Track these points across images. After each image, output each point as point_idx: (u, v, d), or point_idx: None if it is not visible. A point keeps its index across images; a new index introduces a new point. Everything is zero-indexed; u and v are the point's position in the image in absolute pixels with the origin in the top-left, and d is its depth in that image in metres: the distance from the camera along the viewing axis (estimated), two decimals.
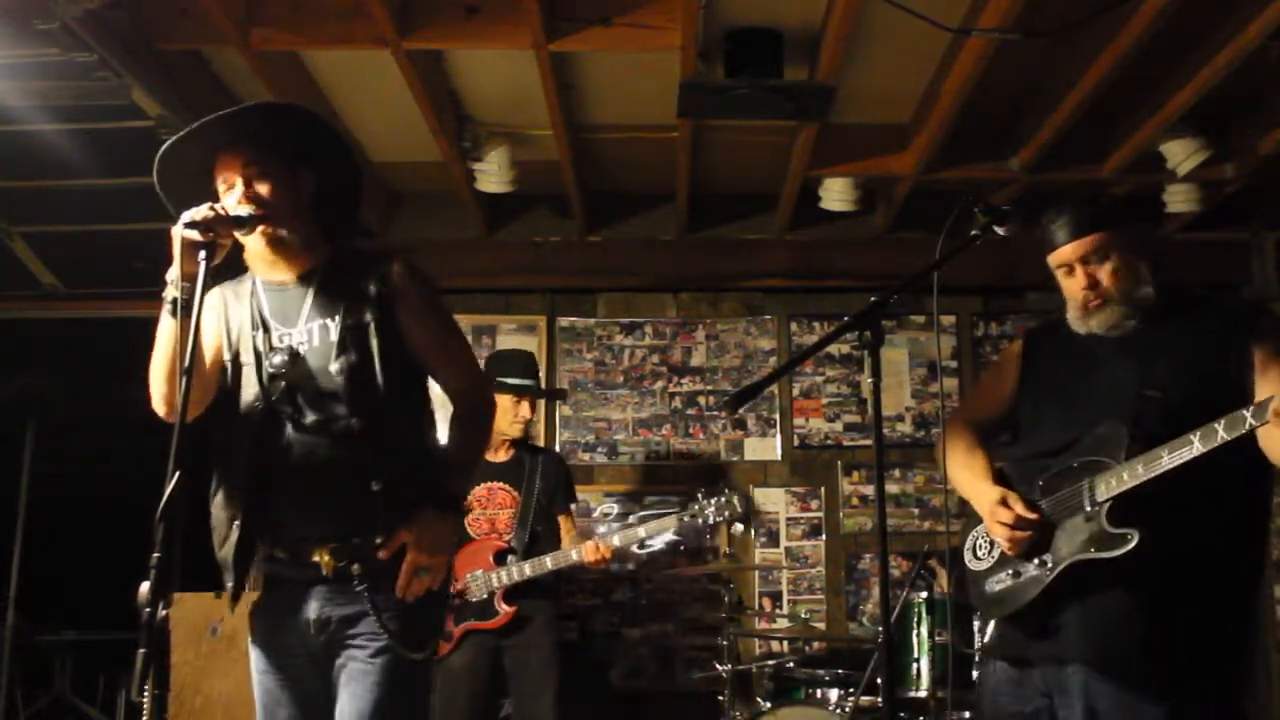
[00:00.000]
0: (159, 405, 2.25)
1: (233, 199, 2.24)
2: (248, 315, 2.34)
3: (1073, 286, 2.36)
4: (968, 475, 2.50)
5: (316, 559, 2.23)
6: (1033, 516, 2.29)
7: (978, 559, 2.47)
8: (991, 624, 2.41)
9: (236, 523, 2.24)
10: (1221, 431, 2.03)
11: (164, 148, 2.26)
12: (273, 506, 2.26)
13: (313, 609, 2.24)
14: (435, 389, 2.44)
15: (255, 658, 2.31)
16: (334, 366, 2.24)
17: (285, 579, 2.30)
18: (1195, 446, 2.06)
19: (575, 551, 4.03)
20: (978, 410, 2.68)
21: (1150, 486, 2.13)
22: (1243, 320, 2.28)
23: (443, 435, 2.47)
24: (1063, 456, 2.32)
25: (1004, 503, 2.32)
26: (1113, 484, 2.18)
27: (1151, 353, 2.29)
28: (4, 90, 3.63)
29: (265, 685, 2.30)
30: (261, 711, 2.31)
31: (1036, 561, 2.29)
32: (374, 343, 2.26)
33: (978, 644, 2.44)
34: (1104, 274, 2.31)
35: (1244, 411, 2.00)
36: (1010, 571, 2.35)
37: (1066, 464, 2.30)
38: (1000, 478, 2.43)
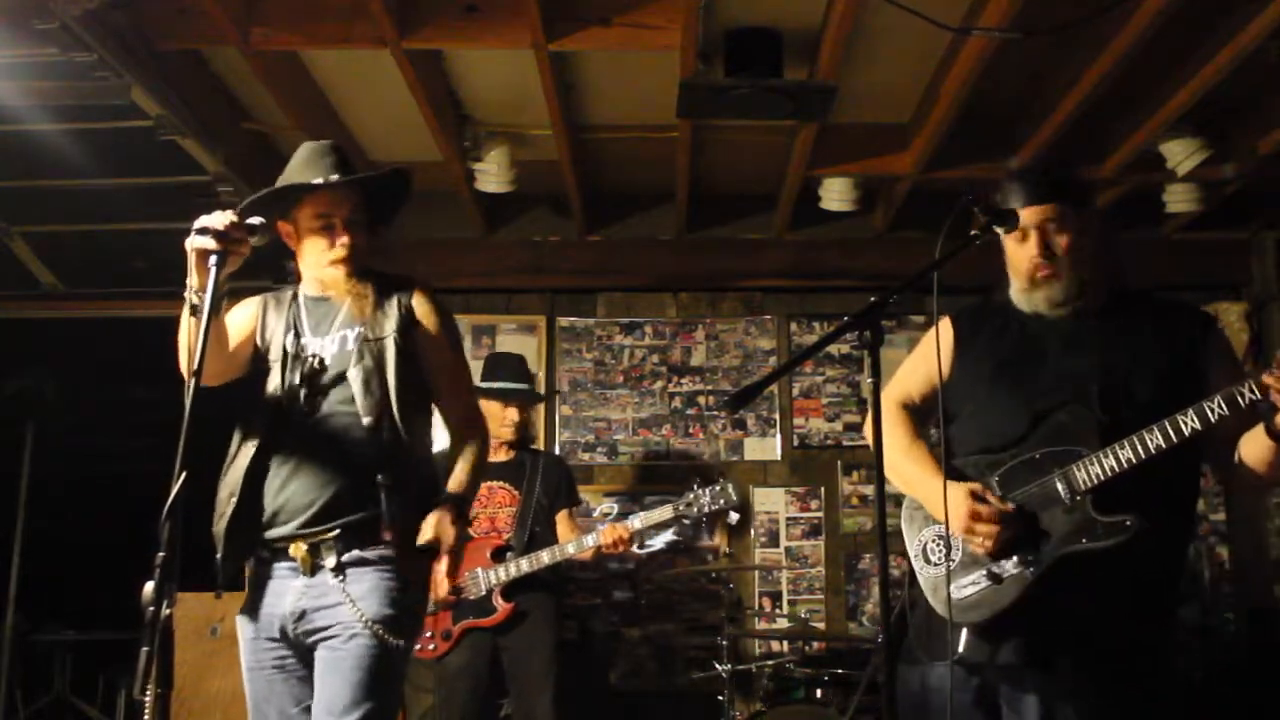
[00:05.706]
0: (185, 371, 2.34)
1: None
2: (284, 319, 2.49)
3: (1022, 254, 2.27)
4: (915, 469, 2.33)
5: (293, 553, 2.33)
6: (1010, 509, 2.16)
7: (931, 564, 2.28)
8: (964, 633, 2.17)
9: (234, 500, 2.34)
10: (1219, 408, 2.00)
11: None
12: (269, 494, 2.36)
13: (289, 602, 2.34)
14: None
15: (243, 656, 2.39)
16: (352, 372, 2.40)
17: (267, 576, 2.39)
18: (1192, 424, 2.01)
19: (573, 544, 3.99)
20: (911, 394, 2.46)
21: (1125, 472, 2.07)
22: (1197, 327, 2.25)
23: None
24: (1016, 449, 2.21)
25: (978, 498, 2.17)
26: (1096, 471, 2.09)
27: (1107, 346, 2.22)
28: (4, 90, 3.64)
29: (254, 681, 2.38)
30: (252, 709, 2.38)
31: (1015, 560, 2.14)
32: (391, 355, 2.43)
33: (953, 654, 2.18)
34: (1060, 243, 2.23)
35: (1241, 388, 1.97)
36: (984, 573, 2.17)
37: (1024, 456, 2.19)
38: (954, 474, 2.24)
